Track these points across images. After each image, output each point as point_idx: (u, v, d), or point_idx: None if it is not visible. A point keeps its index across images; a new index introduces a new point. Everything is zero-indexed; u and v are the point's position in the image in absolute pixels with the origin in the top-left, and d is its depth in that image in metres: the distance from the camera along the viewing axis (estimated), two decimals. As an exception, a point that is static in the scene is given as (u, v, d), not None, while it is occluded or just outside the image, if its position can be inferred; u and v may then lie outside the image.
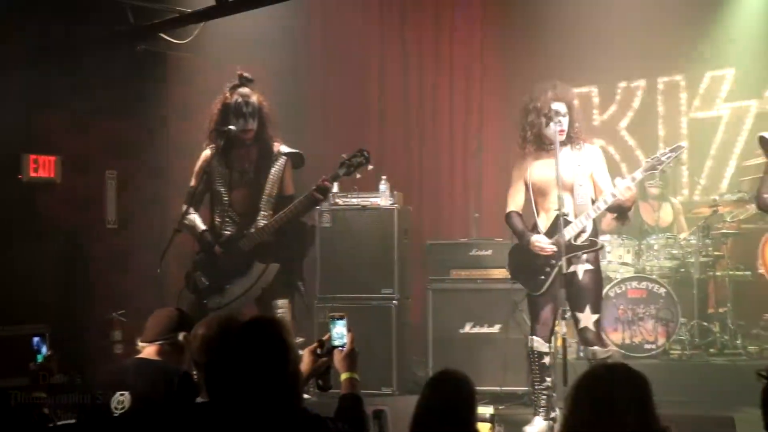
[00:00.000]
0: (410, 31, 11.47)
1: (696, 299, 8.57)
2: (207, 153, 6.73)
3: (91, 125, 8.60)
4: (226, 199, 6.63)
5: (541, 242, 6.31)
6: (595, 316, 6.29)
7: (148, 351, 4.25)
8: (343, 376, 3.52)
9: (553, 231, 6.29)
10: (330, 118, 11.15)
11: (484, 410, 5.22)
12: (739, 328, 8.56)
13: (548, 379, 6.39)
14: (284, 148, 6.76)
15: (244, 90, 6.62)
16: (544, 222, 6.45)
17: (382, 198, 8.09)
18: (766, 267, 6.51)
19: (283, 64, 9.77)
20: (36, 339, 4.33)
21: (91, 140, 8.65)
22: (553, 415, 6.26)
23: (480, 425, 4.98)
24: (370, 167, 6.53)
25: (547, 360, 6.38)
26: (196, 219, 6.69)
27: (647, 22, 10.23)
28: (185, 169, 8.44)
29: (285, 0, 6.87)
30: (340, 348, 3.54)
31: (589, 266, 6.30)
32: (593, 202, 6.31)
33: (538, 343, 6.42)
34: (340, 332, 3.56)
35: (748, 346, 8.44)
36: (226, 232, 6.63)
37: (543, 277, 6.37)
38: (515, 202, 6.58)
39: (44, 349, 4.30)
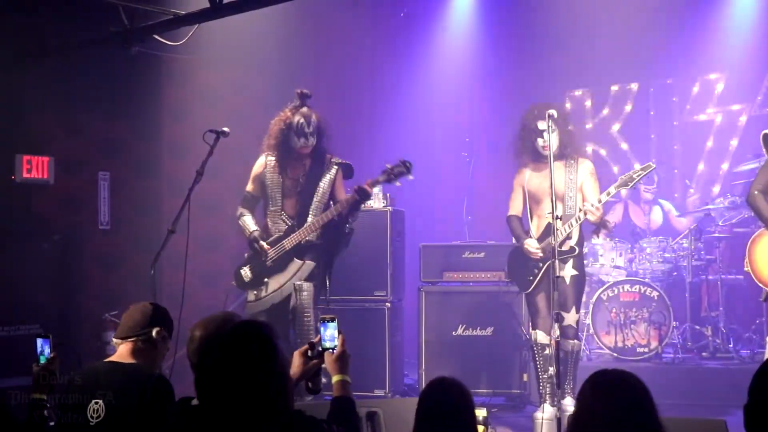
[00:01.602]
0: (403, 35, 11.47)
1: (688, 303, 8.61)
2: (262, 160, 7.12)
3: (84, 126, 8.58)
4: (279, 203, 7.03)
5: (531, 246, 6.77)
6: (577, 315, 6.82)
7: (121, 351, 4.13)
8: (335, 378, 3.50)
9: (543, 236, 6.78)
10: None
11: (478, 412, 5.20)
12: (731, 331, 8.60)
13: (550, 369, 6.50)
14: (337, 159, 7.09)
15: (305, 110, 6.99)
16: (536, 227, 6.92)
17: (375, 200, 8.10)
18: (753, 266, 6.54)
19: (275, 66, 9.77)
20: (41, 341, 4.29)
21: (85, 141, 8.62)
22: (558, 401, 6.49)
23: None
24: (411, 177, 6.71)
25: (548, 351, 6.64)
26: (248, 221, 7.08)
27: (639, 26, 10.25)
28: (179, 170, 8.47)
29: (279, 3, 6.88)
30: (331, 350, 3.55)
31: (574, 272, 6.76)
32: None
33: (541, 336, 6.77)
34: (331, 334, 3.56)
35: (740, 350, 8.46)
36: (277, 233, 6.98)
37: (531, 277, 6.84)
38: (515, 206, 7.05)
39: (48, 351, 4.27)
